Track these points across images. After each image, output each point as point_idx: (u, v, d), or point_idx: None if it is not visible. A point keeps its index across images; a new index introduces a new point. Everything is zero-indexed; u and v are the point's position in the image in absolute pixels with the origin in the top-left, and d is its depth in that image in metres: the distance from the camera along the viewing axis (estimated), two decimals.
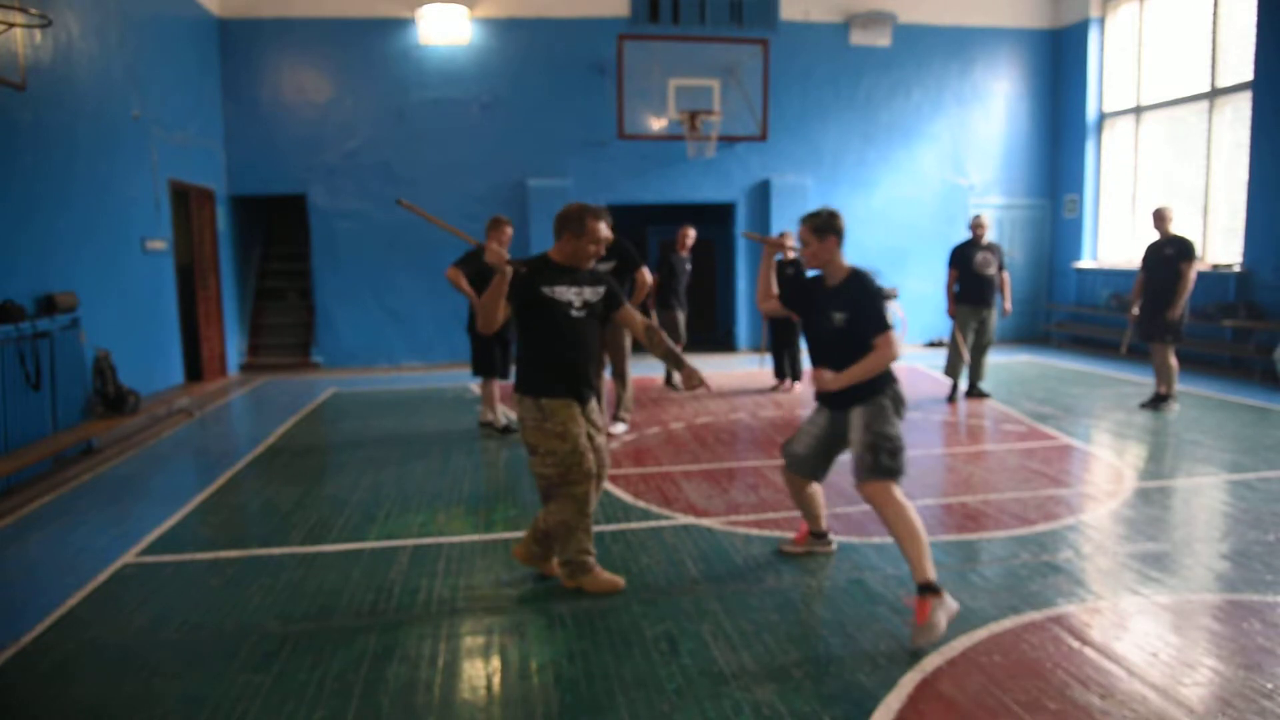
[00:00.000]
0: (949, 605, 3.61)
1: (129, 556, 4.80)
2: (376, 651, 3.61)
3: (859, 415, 3.96)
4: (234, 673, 3.44)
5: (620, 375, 7.64)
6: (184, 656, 3.61)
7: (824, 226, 4.03)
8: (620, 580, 4.20)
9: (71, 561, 4.74)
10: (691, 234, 10.14)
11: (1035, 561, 4.46)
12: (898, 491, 3.80)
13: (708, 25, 12.69)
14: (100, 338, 7.96)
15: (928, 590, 3.59)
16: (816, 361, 4.09)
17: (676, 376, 9.89)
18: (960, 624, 3.71)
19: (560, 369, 3.97)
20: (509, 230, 7.46)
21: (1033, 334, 14.13)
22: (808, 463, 4.32)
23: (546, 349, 3.98)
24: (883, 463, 3.82)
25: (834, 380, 3.91)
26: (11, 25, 6.60)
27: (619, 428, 7.68)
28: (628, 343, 7.60)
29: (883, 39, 13.15)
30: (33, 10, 6.84)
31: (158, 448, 7.57)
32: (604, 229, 4.01)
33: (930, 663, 3.40)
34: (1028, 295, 14.05)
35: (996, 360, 11.05)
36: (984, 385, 9.16)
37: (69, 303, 7.29)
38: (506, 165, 12.45)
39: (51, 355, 6.97)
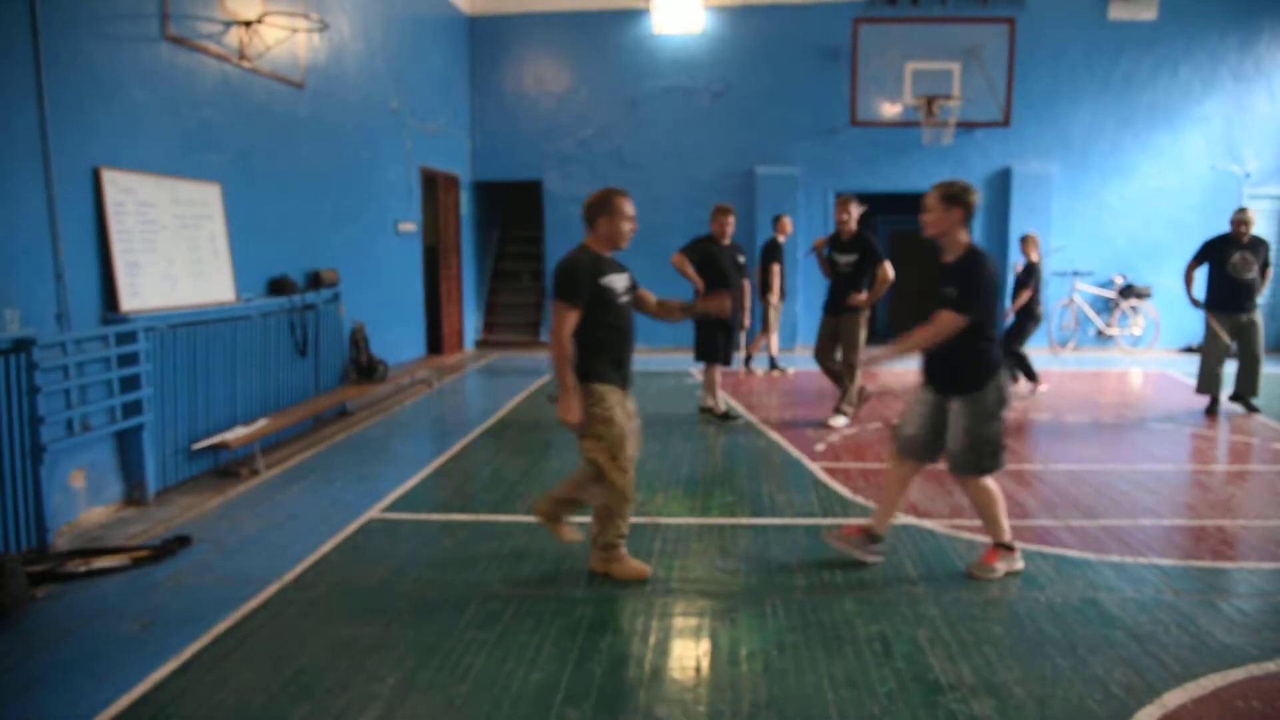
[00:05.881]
0: None
1: (374, 512, 5.25)
2: (593, 622, 3.75)
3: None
4: (462, 628, 3.69)
5: (850, 367, 7.49)
6: (419, 607, 3.90)
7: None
8: (647, 569, 4.24)
9: (326, 512, 5.24)
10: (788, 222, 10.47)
11: None
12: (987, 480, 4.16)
13: (949, 5, 12.08)
14: (356, 311, 8.72)
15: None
16: None
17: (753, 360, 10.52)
18: (1212, 660, 3.37)
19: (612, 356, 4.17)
20: (732, 219, 7.45)
21: None
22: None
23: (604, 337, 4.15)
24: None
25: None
26: (296, 30, 7.33)
27: (840, 420, 7.53)
28: (862, 336, 7.44)
29: (1148, 11, 11.99)
30: (314, 15, 7.57)
31: (401, 414, 8.22)
32: (631, 206, 4.31)
33: (1173, 698, 3.10)
34: None
35: (1272, 372, 9.83)
36: (1256, 400, 8.11)
37: (332, 279, 8.02)
38: (735, 153, 12.47)
39: (316, 326, 7.71)
